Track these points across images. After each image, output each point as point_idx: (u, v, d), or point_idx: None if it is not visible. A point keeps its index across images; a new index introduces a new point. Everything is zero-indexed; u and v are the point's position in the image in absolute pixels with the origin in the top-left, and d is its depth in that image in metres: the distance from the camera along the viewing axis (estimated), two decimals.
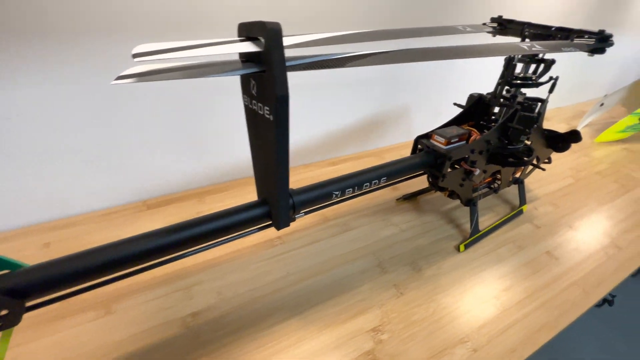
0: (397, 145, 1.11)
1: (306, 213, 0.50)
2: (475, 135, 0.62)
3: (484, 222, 0.77)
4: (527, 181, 0.94)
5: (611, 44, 0.55)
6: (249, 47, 0.34)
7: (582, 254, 0.71)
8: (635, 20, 1.48)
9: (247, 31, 0.35)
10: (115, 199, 0.75)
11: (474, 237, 0.70)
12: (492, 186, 0.76)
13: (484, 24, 0.67)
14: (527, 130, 0.60)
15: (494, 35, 0.68)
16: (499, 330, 0.54)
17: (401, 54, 0.41)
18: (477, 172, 0.63)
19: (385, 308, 0.57)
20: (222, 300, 0.56)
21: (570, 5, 1.19)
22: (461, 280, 0.63)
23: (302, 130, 0.92)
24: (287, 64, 0.33)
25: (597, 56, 0.57)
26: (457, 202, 0.83)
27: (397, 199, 0.84)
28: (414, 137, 0.65)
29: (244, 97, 0.41)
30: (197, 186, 0.83)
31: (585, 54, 0.57)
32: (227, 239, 0.45)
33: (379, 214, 0.79)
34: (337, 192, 0.49)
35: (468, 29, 0.58)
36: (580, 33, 0.57)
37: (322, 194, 0.48)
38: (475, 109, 0.69)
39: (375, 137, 1.06)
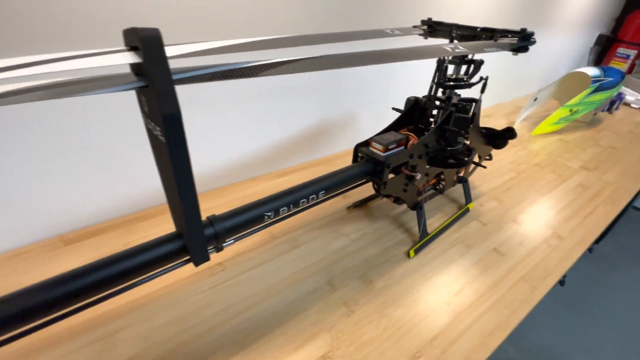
0: (349, 151, 1.09)
1: (236, 239, 0.45)
2: (414, 139, 0.61)
3: (433, 223, 0.77)
4: (472, 178, 0.96)
5: (533, 42, 0.56)
6: (127, 58, 0.28)
7: (527, 248, 0.72)
8: (561, 17, 1.61)
9: (131, 39, 0.30)
10: (21, 237, 0.64)
11: (423, 241, 0.69)
12: (437, 187, 0.76)
13: (414, 26, 0.66)
14: (463, 131, 0.60)
15: (426, 38, 0.68)
16: (451, 339, 0.52)
17: (322, 61, 0.38)
18: (419, 176, 0.61)
19: (335, 330, 0.53)
20: (150, 347, 0.49)
21: (499, 6, 1.25)
22: (412, 289, 0.61)
23: (246, 141, 0.86)
24: (176, 76, 0.29)
25: (531, 53, 0.58)
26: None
27: (348, 207, 0.81)
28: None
29: (142, 115, 0.35)
30: (124, 213, 0.74)
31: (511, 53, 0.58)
32: (139, 281, 0.38)
33: (330, 225, 0.76)
34: (269, 214, 0.44)
35: (396, 32, 0.57)
36: (504, 32, 0.57)
37: (251, 218, 0.43)
38: (413, 113, 0.68)
39: (325, 144, 1.03)
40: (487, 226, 0.78)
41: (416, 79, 1.11)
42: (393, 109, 0.70)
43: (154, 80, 0.27)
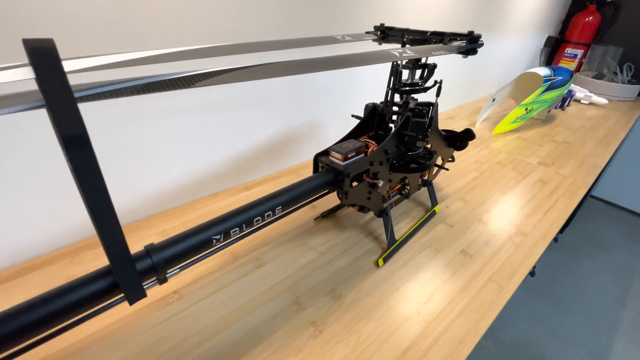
0: None
1: (182, 268, 0.41)
2: (373, 146, 0.60)
3: (401, 229, 0.76)
4: (437, 180, 0.96)
5: (480, 45, 0.57)
6: (23, 73, 0.25)
7: (493, 248, 0.72)
8: (511, 21, 1.68)
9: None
10: None
11: (391, 248, 0.68)
12: (403, 192, 0.75)
13: (367, 32, 0.66)
14: (421, 135, 0.59)
15: (380, 44, 0.67)
16: (422, 351, 0.50)
17: (263, 69, 0.35)
18: (381, 183, 0.60)
19: (303, 354, 0.50)
20: None
21: (451, 11, 1.29)
22: (382, 300, 0.58)
23: (204, 155, 0.82)
24: (80, 93, 0.25)
25: (486, 56, 0.58)
26: None
27: (316, 218, 0.79)
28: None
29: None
30: (70, 242, 0.68)
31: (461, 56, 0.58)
32: (67, 325, 0.33)
33: (297, 238, 0.73)
34: (217, 237, 0.41)
35: (347, 38, 0.56)
36: (453, 36, 0.58)
37: (195, 244, 0.39)
38: (372, 119, 0.67)
39: (290, 154, 1.00)
40: (454, 228, 0.78)
41: (379, 84, 1.11)
42: (353, 116, 0.69)
43: (51, 98, 0.23)
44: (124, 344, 0.50)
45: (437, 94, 0.63)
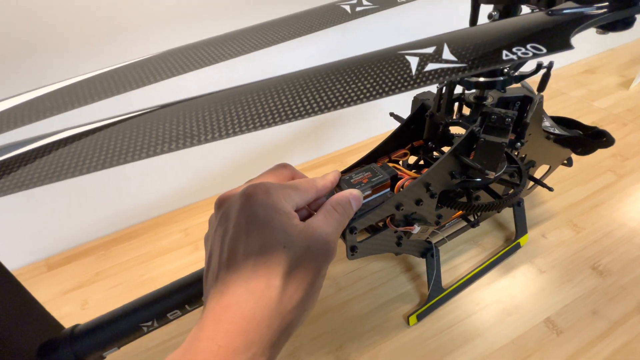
0: (363, 143, 0.85)
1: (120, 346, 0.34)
2: (406, 178, 0.39)
3: (457, 267, 0.55)
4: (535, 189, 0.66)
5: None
6: None
7: (604, 321, 0.46)
8: None
9: None
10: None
11: (431, 302, 0.49)
12: (468, 219, 0.53)
13: None
14: (492, 165, 0.35)
15: None
16: None
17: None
18: (417, 229, 0.40)
19: None
20: None
21: None
22: None
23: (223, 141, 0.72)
24: None
25: None
26: None
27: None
28: (386, 128, 0.46)
29: None
30: (104, 233, 0.70)
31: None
32: None
33: None
34: (147, 324, 0.31)
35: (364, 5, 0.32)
36: None
37: (115, 334, 0.31)
38: (421, 121, 0.44)
39: (334, 137, 0.82)
40: (544, 275, 0.53)
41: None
42: (391, 115, 0.47)
43: None
44: None
45: (541, 87, 0.36)
